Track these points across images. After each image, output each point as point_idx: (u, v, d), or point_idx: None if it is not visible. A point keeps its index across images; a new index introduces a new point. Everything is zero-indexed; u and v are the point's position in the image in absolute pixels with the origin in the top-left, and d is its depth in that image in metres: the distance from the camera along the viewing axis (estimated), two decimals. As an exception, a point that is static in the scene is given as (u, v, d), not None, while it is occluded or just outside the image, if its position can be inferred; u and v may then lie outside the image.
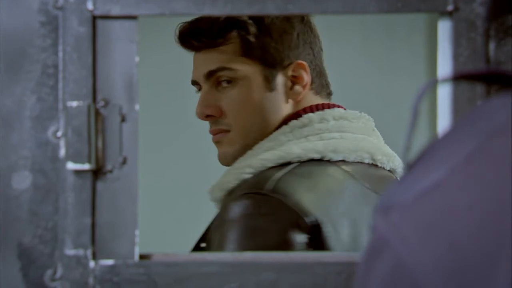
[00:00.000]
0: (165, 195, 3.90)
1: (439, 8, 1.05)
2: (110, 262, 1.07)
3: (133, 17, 1.08)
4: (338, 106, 1.68)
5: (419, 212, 0.65)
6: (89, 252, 1.08)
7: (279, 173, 1.53)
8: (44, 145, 1.08)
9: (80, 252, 1.07)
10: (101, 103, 1.08)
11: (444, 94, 1.07)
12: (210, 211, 1.61)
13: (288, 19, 1.64)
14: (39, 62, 1.08)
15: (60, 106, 1.08)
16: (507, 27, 1.04)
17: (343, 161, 1.60)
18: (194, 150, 3.91)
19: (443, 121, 1.07)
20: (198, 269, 1.07)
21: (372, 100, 1.71)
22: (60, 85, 1.08)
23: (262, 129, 1.62)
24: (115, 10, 1.07)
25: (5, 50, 1.08)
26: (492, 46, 1.05)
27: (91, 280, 1.07)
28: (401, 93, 4.07)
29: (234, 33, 1.61)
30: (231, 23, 1.61)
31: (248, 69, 1.62)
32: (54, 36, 1.08)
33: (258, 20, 1.62)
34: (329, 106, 1.67)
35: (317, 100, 1.68)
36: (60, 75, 1.08)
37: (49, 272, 1.08)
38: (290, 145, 1.58)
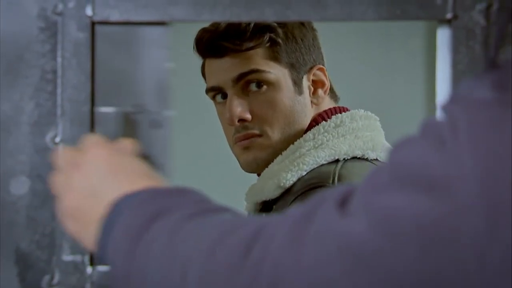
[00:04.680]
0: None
1: (438, 16, 1.05)
2: (107, 268, 1.07)
3: (132, 23, 1.08)
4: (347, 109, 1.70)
5: (479, 117, 0.66)
6: (86, 258, 1.07)
7: (336, 168, 1.55)
8: (42, 150, 1.08)
9: (78, 258, 1.07)
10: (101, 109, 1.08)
11: (443, 94, 1.07)
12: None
13: (303, 24, 1.64)
14: (37, 68, 1.08)
15: (59, 112, 1.08)
16: (506, 35, 1.04)
17: (376, 159, 1.61)
18: (193, 150, 3.91)
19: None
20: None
21: (370, 104, 1.70)
22: (59, 90, 1.08)
23: (294, 133, 1.62)
24: (114, 16, 1.07)
25: (3, 56, 1.08)
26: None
27: (88, 286, 1.07)
28: (399, 98, 4.07)
29: (266, 37, 1.61)
30: (263, 27, 1.61)
31: (279, 72, 1.62)
32: (53, 42, 1.08)
33: (281, 25, 1.62)
34: (345, 109, 1.68)
35: (333, 103, 1.70)
36: (59, 81, 1.08)
37: (46, 278, 1.08)
38: (335, 143, 1.59)
